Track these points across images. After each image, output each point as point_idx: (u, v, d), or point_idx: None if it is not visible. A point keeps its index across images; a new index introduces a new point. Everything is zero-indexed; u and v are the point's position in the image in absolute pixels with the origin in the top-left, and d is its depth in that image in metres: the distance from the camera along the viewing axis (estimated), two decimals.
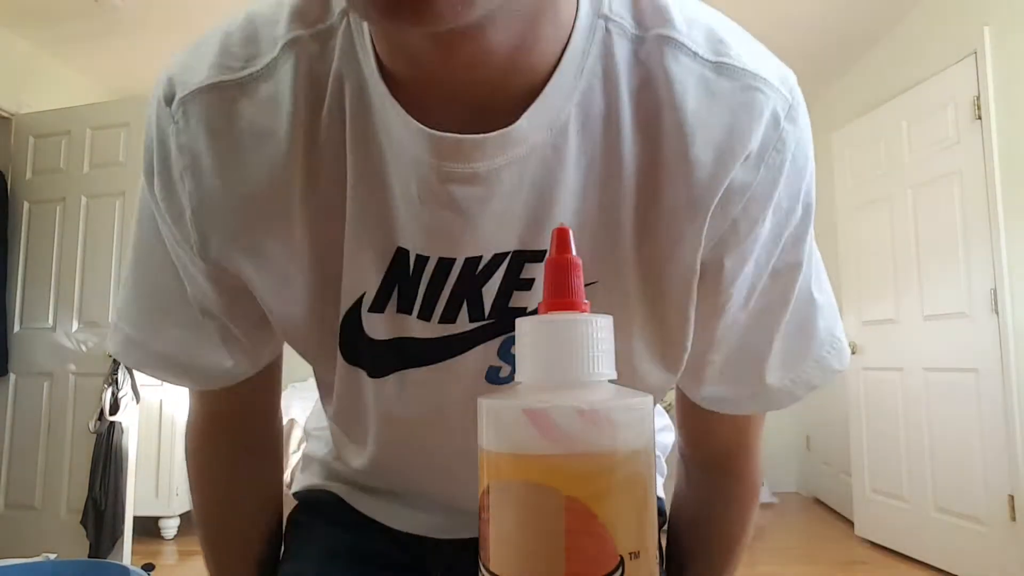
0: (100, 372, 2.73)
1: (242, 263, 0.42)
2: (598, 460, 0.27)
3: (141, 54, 3.32)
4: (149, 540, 3.22)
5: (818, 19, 3.06)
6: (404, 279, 0.42)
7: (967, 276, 2.59)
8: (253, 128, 0.39)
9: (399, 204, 0.39)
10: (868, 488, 3.14)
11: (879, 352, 3.09)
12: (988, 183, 2.49)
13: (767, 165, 0.39)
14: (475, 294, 0.41)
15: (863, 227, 3.22)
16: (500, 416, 0.28)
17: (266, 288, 0.43)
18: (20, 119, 3.04)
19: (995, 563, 2.44)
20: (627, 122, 0.37)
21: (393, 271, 0.41)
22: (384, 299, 0.42)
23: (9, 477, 2.82)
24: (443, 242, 0.40)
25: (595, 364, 0.28)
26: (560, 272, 0.30)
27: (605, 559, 0.26)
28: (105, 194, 2.87)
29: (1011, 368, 2.38)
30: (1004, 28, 2.45)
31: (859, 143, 3.24)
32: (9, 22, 2.98)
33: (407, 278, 0.41)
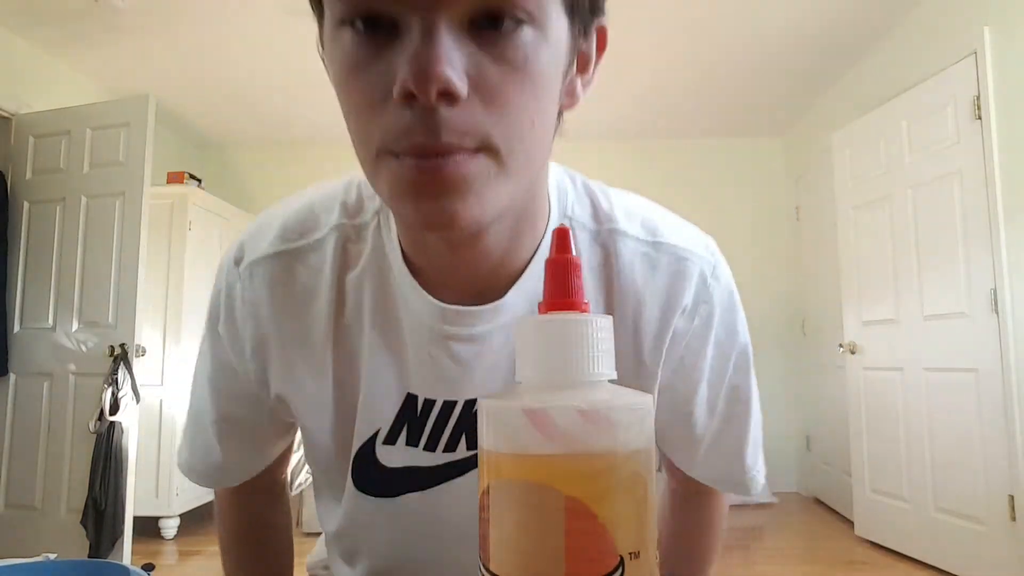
0: (100, 372, 2.72)
1: (288, 391, 0.54)
2: (598, 460, 0.27)
3: (141, 54, 3.32)
4: (149, 540, 3.22)
5: (818, 19, 3.06)
6: (413, 418, 0.52)
7: (967, 276, 2.59)
8: (303, 288, 0.52)
9: (411, 359, 0.51)
10: (868, 488, 3.14)
11: (879, 352, 3.09)
12: (988, 183, 2.48)
13: (699, 315, 0.53)
14: (472, 428, 0.52)
15: (863, 227, 3.22)
16: (500, 416, 0.28)
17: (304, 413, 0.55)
18: (20, 119, 3.04)
19: (995, 563, 2.44)
20: (591, 288, 0.51)
21: (404, 412, 0.52)
22: (396, 434, 0.53)
23: (9, 477, 2.82)
24: (446, 388, 0.51)
25: (595, 364, 0.28)
26: (560, 272, 0.30)
27: (605, 559, 0.26)
28: (105, 194, 2.86)
29: (1011, 368, 2.37)
30: (1004, 28, 2.45)
31: (859, 143, 3.24)
32: (9, 22, 2.98)
33: (415, 418, 0.52)
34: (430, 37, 0.34)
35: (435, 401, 0.52)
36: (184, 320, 3.41)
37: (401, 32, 0.35)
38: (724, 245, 0.67)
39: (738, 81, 3.72)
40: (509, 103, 0.37)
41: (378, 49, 0.36)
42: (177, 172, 3.63)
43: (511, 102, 0.37)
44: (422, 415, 0.52)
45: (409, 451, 0.53)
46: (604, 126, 4.38)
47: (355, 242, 0.52)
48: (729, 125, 4.38)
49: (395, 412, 0.52)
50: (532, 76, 0.37)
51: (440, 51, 0.34)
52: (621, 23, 3.10)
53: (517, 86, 0.37)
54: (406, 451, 0.53)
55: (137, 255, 2.78)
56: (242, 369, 0.55)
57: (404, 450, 0.53)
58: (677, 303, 0.52)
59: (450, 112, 0.35)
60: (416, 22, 0.35)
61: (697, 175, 4.58)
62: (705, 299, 0.53)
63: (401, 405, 0.52)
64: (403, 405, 0.52)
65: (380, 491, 0.55)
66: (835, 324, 3.58)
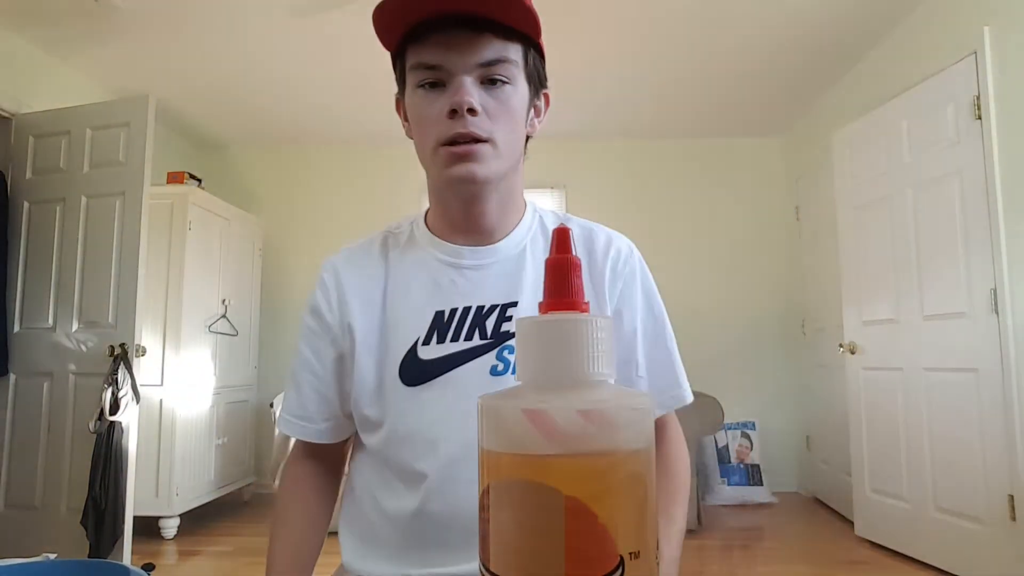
0: (100, 372, 2.72)
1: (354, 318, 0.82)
2: (598, 460, 0.26)
3: (141, 54, 3.32)
4: (149, 540, 3.22)
5: (818, 19, 3.06)
6: (441, 325, 0.79)
7: (967, 276, 2.59)
8: (362, 260, 0.86)
9: (437, 287, 0.81)
10: (868, 488, 3.14)
11: (879, 352, 3.09)
12: (988, 183, 2.48)
13: (628, 265, 0.85)
14: (483, 325, 0.78)
15: (863, 227, 3.22)
16: (500, 416, 0.28)
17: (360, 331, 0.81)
18: (20, 119, 3.04)
19: (995, 563, 2.44)
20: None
21: (435, 322, 0.79)
22: (430, 337, 0.78)
23: (9, 477, 2.81)
24: (463, 299, 0.80)
25: (595, 364, 0.28)
26: (560, 272, 0.30)
27: (605, 559, 0.26)
28: (105, 194, 2.86)
29: (1011, 368, 2.37)
30: (1004, 28, 2.45)
31: (859, 143, 3.24)
32: (9, 22, 2.98)
33: (443, 324, 0.79)
34: (462, 86, 0.71)
35: (457, 309, 0.79)
36: (184, 320, 3.41)
37: (448, 86, 0.72)
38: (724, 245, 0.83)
39: (738, 81, 3.72)
40: (500, 119, 0.73)
41: (436, 95, 0.73)
42: (177, 172, 3.63)
43: (501, 119, 0.73)
44: (448, 321, 0.78)
45: (440, 346, 0.78)
46: (605, 126, 4.38)
47: (395, 236, 0.87)
48: (729, 125, 4.38)
49: (428, 323, 0.79)
50: (510, 107, 0.74)
51: (468, 92, 0.71)
52: (621, 23, 3.10)
53: (504, 111, 0.74)
54: (438, 347, 0.78)
55: (137, 255, 2.78)
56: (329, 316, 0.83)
57: (436, 347, 0.78)
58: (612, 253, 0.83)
59: (472, 119, 0.71)
60: (454, 81, 0.72)
61: (697, 175, 4.57)
62: (630, 257, 0.85)
63: (432, 318, 0.79)
64: (434, 318, 0.79)
65: (420, 380, 0.77)
66: (835, 324, 3.58)
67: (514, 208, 0.84)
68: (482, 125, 0.71)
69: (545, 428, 0.27)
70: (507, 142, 0.74)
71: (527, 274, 0.80)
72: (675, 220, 4.52)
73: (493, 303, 0.79)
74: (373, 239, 0.88)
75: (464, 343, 0.77)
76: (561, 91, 3.84)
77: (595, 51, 3.37)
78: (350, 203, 4.50)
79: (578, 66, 3.53)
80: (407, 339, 0.79)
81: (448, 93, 0.71)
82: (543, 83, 0.81)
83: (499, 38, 0.72)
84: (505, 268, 0.81)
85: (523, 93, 0.76)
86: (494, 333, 0.77)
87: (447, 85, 0.72)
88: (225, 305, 3.81)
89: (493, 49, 0.71)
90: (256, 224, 4.27)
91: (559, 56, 3.41)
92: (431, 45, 0.71)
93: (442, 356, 0.77)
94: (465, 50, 0.71)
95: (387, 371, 0.79)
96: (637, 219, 4.45)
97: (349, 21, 3.00)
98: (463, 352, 0.77)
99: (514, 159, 0.78)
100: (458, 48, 0.71)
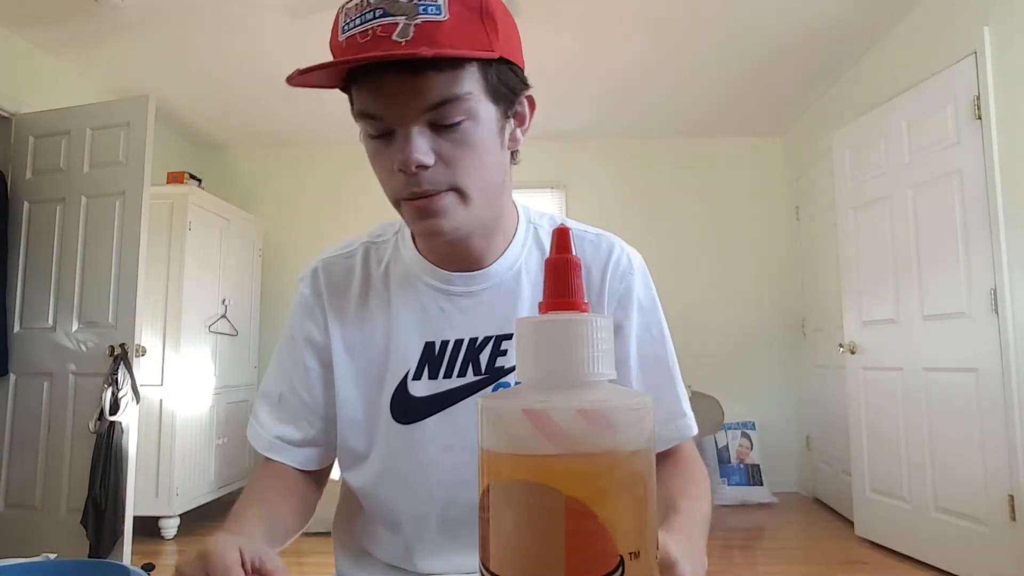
0: (100, 372, 2.72)
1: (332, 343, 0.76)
2: (598, 460, 0.26)
3: (141, 54, 3.31)
4: (149, 540, 3.22)
5: (818, 19, 3.06)
6: (432, 358, 0.73)
7: (967, 276, 2.59)
8: (343, 275, 0.79)
9: (427, 312, 0.74)
10: (868, 488, 3.14)
11: (879, 352, 3.09)
12: (988, 183, 2.48)
13: (625, 280, 0.77)
14: (476, 359, 0.73)
15: (863, 227, 3.22)
16: (500, 416, 0.28)
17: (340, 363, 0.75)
18: (20, 119, 3.04)
19: (995, 563, 2.44)
20: None
21: (425, 354, 0.73)
22: (421, 371, 0.73)
23: (9, 477, 2.81)
24: (454, 331, 0.74)
25: (595, 364, 0.28)
26: (560, 272, 0.30)
27: (605, 559, 0.26)
28: (105, 194, 2.86)
29: (1011, 368, 2.37)
30: (1004, 28, 2.45)
31: (859, 143, 3.24)
32: (9, 22, 2.98)
33: (434, 357, 0.73)
34: (409, 139, 0.61)
35: (448, 341, 0.73)
36: (184, 320, 3.41)
37: (395, 137, 0.63)
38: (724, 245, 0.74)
39: (738, 81, 3.72)
40: (461, 163, 0.63)
41: (386, 145, 0.64)
42: (177, 172, 3.63)
43: (462, 162, 0.63)
44: (439, 354, 0.73)
45: (433, 382, 0.73)
46: (605, 126, 4.38)
47: (376, 250, 0.80)
48: (729, 125, 4.38)
49: (418, 356, 0.73)
50: (471, 146, 0.63)
51: (415, 148, 0.61)
52: (622, 23, 3.10)
53: (464, 153, 0.63)
54: (430, 383, 0.73)
55: (137, 255, 2.78)
56: (318, 334, 0.77)
57: (428, 382, 0.73)
58: (610, 270, 0.77)
59: (425, 173, 0.62)
60: (400, 132, 0.62)
61: (697, 175, 4.57)
62: (628, 272, 0.77)
63: (423, 350, 0.73)
64: (424, 351, 0.73)
65: (411, 418, 0.73)
66: (835, 324, 3.58)
67: (503, 231, 0.75)
68: (438, 178, 0.62)
69: (545, 428, 0.27)
70: (477, 184, 0.65)
71: (523, 299, 0.74)
72: (675, 220, 4.52)
73: (487, 335, 0.73)
74: (354, 250, 0.80)
75: (457, 379, 0.72)
76: (562, 91, 3.84)
77: (595, 51, 3.37)
78: (350, 203, 4.49)
79: (578, 66, 3.53)
80: (396, 372, 0.73)
81: (396, 146, 0.62)
82: (517, 91, 0.68)
83: (443, 73, 0.59)
84: (498, 295, 0.74)
85: (489, 119, 0.65)
86: (488, 368, 0.72)
87: (394, 135, 0.63)
88: (225, 305, 3.81)
89: (437, 91, 0.60)
90: (256, 224, 4.27)
91: (560, 56, 3.41)
92: (369, 92, 0.62)
93: (435, 394, 0.72)
94: (405, 97, 0.60)
95: (377, 404, 0.74)
96: (637, 219, 4.45)
97: None
98: (457, 389, 0.72)
99: (491, 197, 0.69)
100: (397, 96, 0.60)
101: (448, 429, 0.72)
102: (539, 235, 0.79)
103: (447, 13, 0.58)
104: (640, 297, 0.77)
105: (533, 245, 0.78)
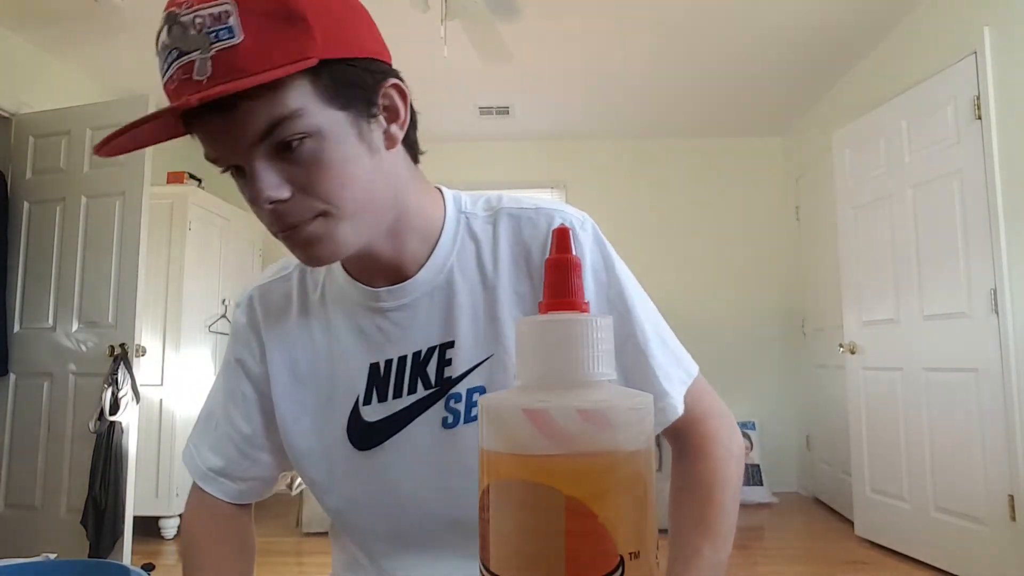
0: (100, 372, 2.72)
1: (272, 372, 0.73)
2: (598, 460, 0.26)
3: (141, 54, 3.31)
4: (149, 540, 3.22)
5: (818, 19, 3.06)
6: (378, 379, 0.69)
7: (967, 276, 2.59)
8: (280, 300, 0.75)
9: (363, 336, 0.70)
10: (868, 488, 3.14)
11: (879, 352, 3.09)
12: (988, 183, 2.48)
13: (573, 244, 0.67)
14: (424, 373, 0.68)
15: (863, 227, 3.22)
16: (500, 416, 0.28)
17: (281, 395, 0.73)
18: (20, 119, 3.04)
19: (995, 563, 2.44)
20: (488, 254, 0.69)
21: (372, 378, 0.70)
22: (370, 395, 0.69)
23: (9, 477, 2.82)
24: (395, 347, 0.69)
25: (595, 364, 0.28)
26: (560, 272, 0.30)
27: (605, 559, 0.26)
28: (105, 194, 2.86)
29: (1011, 368, 2.37)
30: (1004, 28, 2.45)
31: (859, 143, 3.24)
32: (9, 22, 2.98)
33: (380, 378, 0.69)
34: (253, 175, 0.55)
35: (392, 360, 0.69)
36: (184, 320, 3.41)
37: (245, 171, 0.56)
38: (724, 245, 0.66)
39: (738, 81, 3.72)
40: (317, 187, 0.57)
41: (243, 183, 0.57)
42: (177, 172, 3.63)
43: (318, 186, 0.57)
44: (384, 375, 0.69)
45: (383, 405, 0.69)
46: (605, 126, 4.38)
47: (312, 273, 0.75)
48: (729, 125, 4.38)
49: (365, 379, 0.70)
50: (323, 164, 0.56)
51: (260, 184, 0.55)
52: (622, 23, 3.10)
53: (318, 172, 0.56)
54: (380, 406, 0.69)
55: (137, 255, 2.79)
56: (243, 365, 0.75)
57: (379, 406, 0.69)
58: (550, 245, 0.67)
59: (285, 207, 0.57)
60: (246, 166, 0.55)
61: (697, 175, 4.58)
62: (578, 236, 0.69)
63: (368, 374, 0.70)
64: (370, 374, 0.70)
65: (370, 444, 0.70)
66: (835, 324, 3.58)
67: (418, 234, 0.68)
68: (299, 207, 0.56)
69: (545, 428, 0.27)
70: (346, 202, 0.58)
71: (459, 302, 0.68)
72: (675, 220, 4.52)
73: (429, 345, 0.68)
74: (289, 274, 0.76)
75: (408, 397, 0.68)
76: (562, 91, 3.84)
77: (596, 51, 3.37)
78: None
79: (578, 66, 3.53)
80: (346, 398, 0.70)
81: (248, 182, 0.56)
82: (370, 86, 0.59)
83: (260, 98, 0.52)
84: (432, 301, 0.68)
85: (338, 129, 0.56)
86: (437, 380, 0.68)
87: (244, 170, 0.56)
88: (225, 305, 3.81)
89: (257, 120, 0.53)
90: (256, 224, 4.27)
91: (560, 56, 3.41)
92: (200, 136, 0.56)
93: (388, 416, 0.69)
94: (229, 136, 0.54)
95: (331, 431, 0.71)
96: (637, 219, 4.45)
97: None
98: (408, 408, 0.68)
99: (374, 207, 0.61)
100: (221, 136, 0.54)
101: (408, 448, 0.68)
102: (471, 226, 0.71)
103: (241, 34, 0.50)
104: (595, 263, 0.68)
105: (466, 238, 0.70)
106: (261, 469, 0.76)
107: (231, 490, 0.75)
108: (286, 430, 0.72)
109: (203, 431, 0.77)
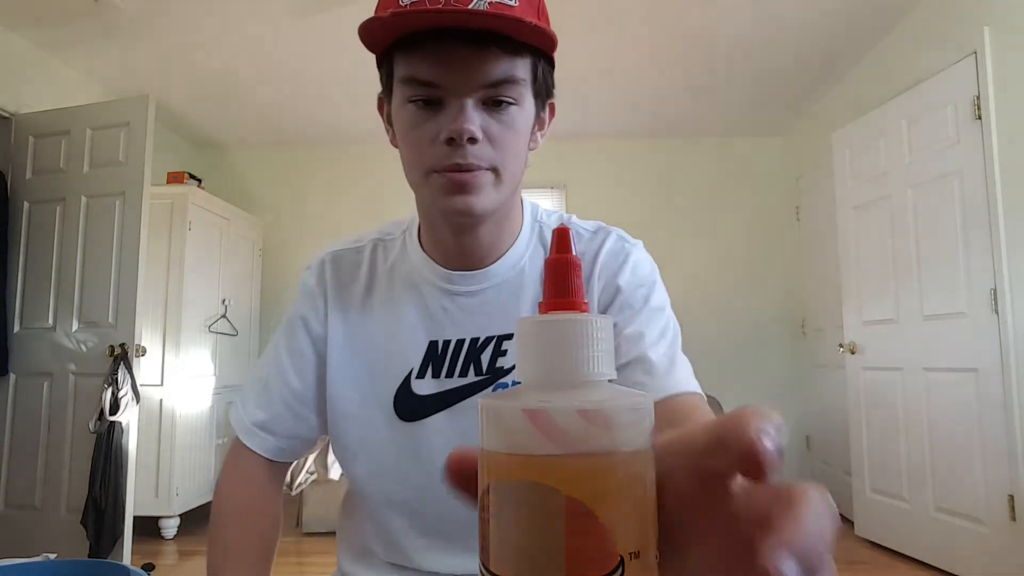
0: (100, 372, 2.72)
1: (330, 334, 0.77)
2: (598, 460, 0.26)
3: (141, 54, 3.31)
4: (149, 540, 3.22)
5: (819, 19, 3.06)
6: (435, 357, 0.74)
7: (967, 276, 2.59)
8: (350, 269, 0.80)
9: (430, 311, 0.75)
10: (868, 488, 3.14)
11: (879, 352, 3.09)
12: (988, 183, 2.48)
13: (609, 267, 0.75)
14: (478, 359, 0.73)
15: (863, 227, 3.22)
16: (500, 416, 0.28)
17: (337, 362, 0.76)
18: (20, 119, 3.04)
19: (995, 563, 2.44)
20: None
21: (429, 353, 0.74)
22: (424, 370, 0.74)
23: (9, 477, 2.82)
24: (457, 330, 0.74)
25: (595, 364, 0.28)
26: (560, 271, 0.30)
27: (605, 559, 0.26)
28: (105, 194, 2.86)
29: (1011, 368, 2.37)
30: (1004, 28, 2.45)
31: (859, 143, 3.24)
32: (9, 22, 2.98)
33: (437, 356, 0.74)
34: (463, 110, 0.62)
35: (450, 341, 0.74)
36: (184, 320, 3.41)
37: (445, 107, 0.63)
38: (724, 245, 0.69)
39: (738, 81, 3.72)
40: (504, 145, 0.65)
41: (431, 115, 0.63)
42: (177, 172, 3.63)
43: (504, 144, 0.65)
44: (442, 354, 0.74)
45: (436, 381, 0.74)
46: (605, 126, 4.38)
47: (384, 248, 0.80)
48: (729, 125, 4.38)
49: (422, 355, 0.74)
50: (515, 131, 0.66)
51: (469, 120, 0.62)
52: (622, 23, 3.10)
53: (507, 136, 0.65)
54: (433, 382, 0.74)
55: (137, 255, 2.79)
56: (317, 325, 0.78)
57: (432, 381, 0.74)
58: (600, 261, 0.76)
59: (472, 147, 0.63)
60: (453, 102, 0.63)
61: (697, 175, 4.57)
62: (618, 261, 0.76)
63: (426, 349, 0.74)
64: (427, 350, 0.74)
65: (415, 416, 0.74)
66: (835, 324, 3.58)
67: (509, 227, 0.75)
68: (483, 154, 0.63)
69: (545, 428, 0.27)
70: (510, 169, 0.66)
71: (525, 299, 0.74)
72: (675, 220, 4.52)
73: (488, 335, 0.73)
74: (363, 245, 0.81)
75: (459, 379, 0.73)
76: (562, 91, 3.84)
77: (596, 51, 3.37)
78: (350, 203, 4.50)
79: (578, 66, 3.53)
80: (399, 370, 0.74)
81: (446, 116, 0.62)
82: (550, 94, 0.72)
83: (507, 54, 0.61)
84: (500, 294, 0.74)
85: (529, 111, 0.67)
86: (489, 368, 0.72)
87: (444, 105, 0.63)
88: (225, 305, 3.81)
89: (500, 68, 0.62)
90: (256, 224, 4.27)
91: (559, 56, 3.41)
92: (426, 58, 0.61)
93: (438, 392, 0.73)
94: (467, 68, 0.61)
95: (375, 401, 0.75)
96: (637, 219, 4.45)
97: (348, 21, 3.00)
98: (458, 389, 0.73)
99: (515, 185, 0.70)
100: (458, 66, 0.61)
101: (450, 427, 0.72)
102: (544, 234, 0.78)
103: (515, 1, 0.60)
104: (622, 284, 0.74)
105: (538, 243, 0.77)
106: (304, 428, 0.78)
107: (272, 446, 0.77)
108: (333, 392, 0.76)
109: (252, 390, 0.80)
